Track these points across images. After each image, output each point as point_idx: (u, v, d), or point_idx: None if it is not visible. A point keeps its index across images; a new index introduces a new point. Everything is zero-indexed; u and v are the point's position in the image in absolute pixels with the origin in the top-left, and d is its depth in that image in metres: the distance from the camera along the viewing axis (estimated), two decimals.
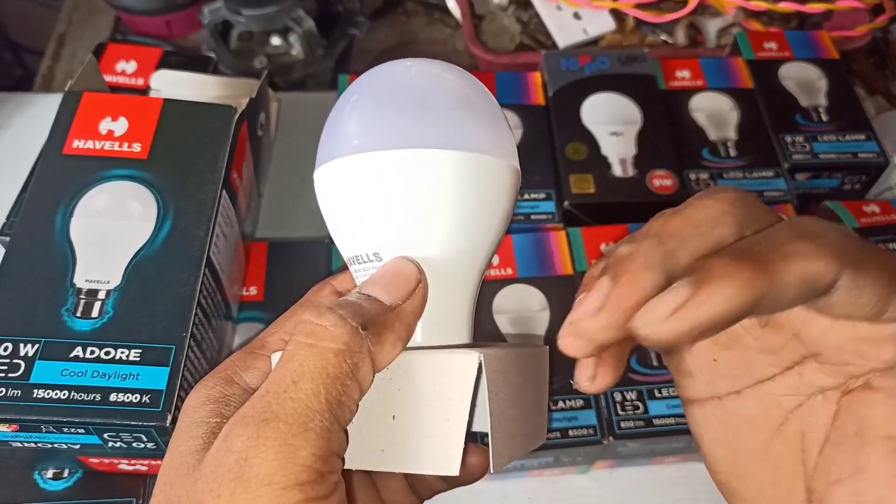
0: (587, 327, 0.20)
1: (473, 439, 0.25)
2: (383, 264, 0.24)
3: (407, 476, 0.27)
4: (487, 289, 0.42)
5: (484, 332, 0.40)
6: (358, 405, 0.21)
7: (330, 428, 0.20)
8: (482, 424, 0.23)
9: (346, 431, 0.21)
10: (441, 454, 0.21)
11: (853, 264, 0.19)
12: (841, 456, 0.21)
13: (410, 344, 0.23)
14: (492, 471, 0.22)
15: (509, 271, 0.43)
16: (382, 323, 0.22)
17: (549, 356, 0.28)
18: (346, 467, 0.22)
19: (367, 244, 0.24)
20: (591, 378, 0.22)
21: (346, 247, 0.25)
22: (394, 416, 0.22)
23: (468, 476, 0.26)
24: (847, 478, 0.21)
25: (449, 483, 0.27)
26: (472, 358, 0.21)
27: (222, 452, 0.20)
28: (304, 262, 0.44)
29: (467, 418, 0.21)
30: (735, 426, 0.24)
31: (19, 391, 0.30)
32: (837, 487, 0.21)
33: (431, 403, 0.22)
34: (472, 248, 0.24)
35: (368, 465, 0.22)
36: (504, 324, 0.41)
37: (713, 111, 0.52)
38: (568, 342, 0.20)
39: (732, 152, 0.50)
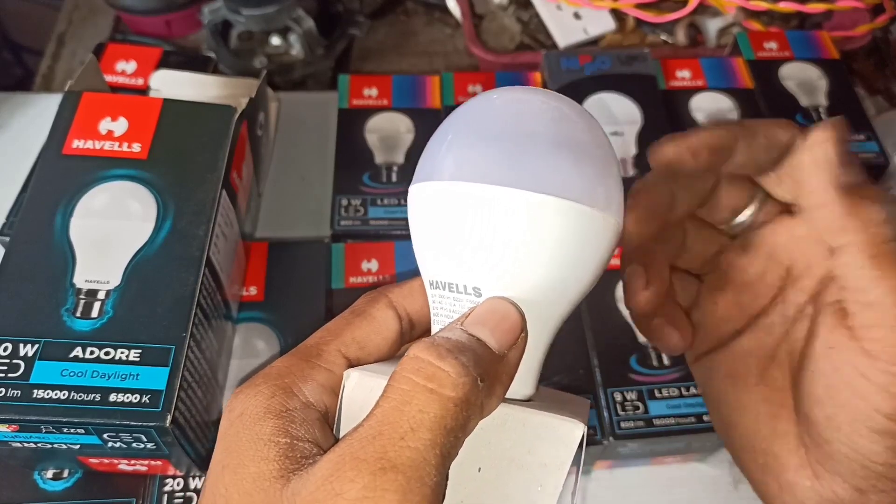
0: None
1: None
2: (483, 303, 0.22)
3: None
4: None
5: None
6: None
7: (441, 483, 0.19)
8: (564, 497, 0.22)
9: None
10: None
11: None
12: (816, 362, 0.24)
13: None
14: None
15: None
16: (494, 374, 0.21)
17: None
18: None
19: (470, 276, 0.23)
20: (644, 285, 0.26)
21: (439, 270, 0.24)
22: (479, 469, 0.21)
23: None
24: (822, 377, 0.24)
25: None
26: (579, 428, 0.21)
27: (328, 496, 0.18)
28: (303, 262, 0.44)
29: (560, 489, 0.20)
30: (736, 365, 0.27)
31: (19, 391, 0.30)
32: (814, 389, 0.24)
33: (524, 466, 0.21)
34: (562, 300, 0.23)
35: None
36: None
37: (713, 111, 0.52)
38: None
39: None
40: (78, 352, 0.31)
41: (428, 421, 0.19)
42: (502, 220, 0.21)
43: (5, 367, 0.30)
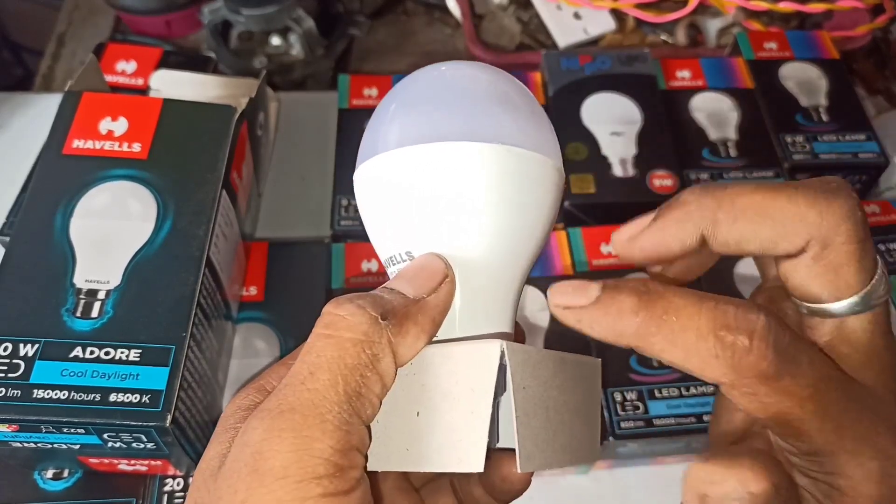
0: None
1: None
2: (411, 261, 0.23)
3: (454, 491, 0.26)
4: None
5: None
6: (381, 401, 0.21)
7: (349, 420, 0.19)
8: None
9: (368, 428, 0.20)
10: (465, 451, 0.20)
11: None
12: None
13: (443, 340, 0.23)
14: (518, 470, 0.20)
15: None
16: (404, 314, 0.21)
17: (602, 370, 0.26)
18: (370, 468, 0.21)
19: (400, 243, 0.24)
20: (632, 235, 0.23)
21: (381, 248, 0.25)
22: (418, 413, 0.21)
23: (508, 486, 0.25)
24: None
25: (494, 496, 0.25)
26: (494, 347, 0.20)
27: (239, 448, 0.19)
28: (303, 262, 0.44)
29: (490, 410, 0.20)
30: None
31: (19, 391, 0.30)
32: None
33: (455, 397, 0.21)
34: (510, 247, 0.23)
35: (394, 466, 0.21)
36: None
37: (713, 111, 0.52)
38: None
39: (733, 152, 0.50)
40: (78, 352, 0.31)
41: (325, 362, 0.20)
42: (417, 177, 0.22)
43: (5, 367, 0.30)
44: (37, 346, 0.31)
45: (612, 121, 0.49)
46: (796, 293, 0.21)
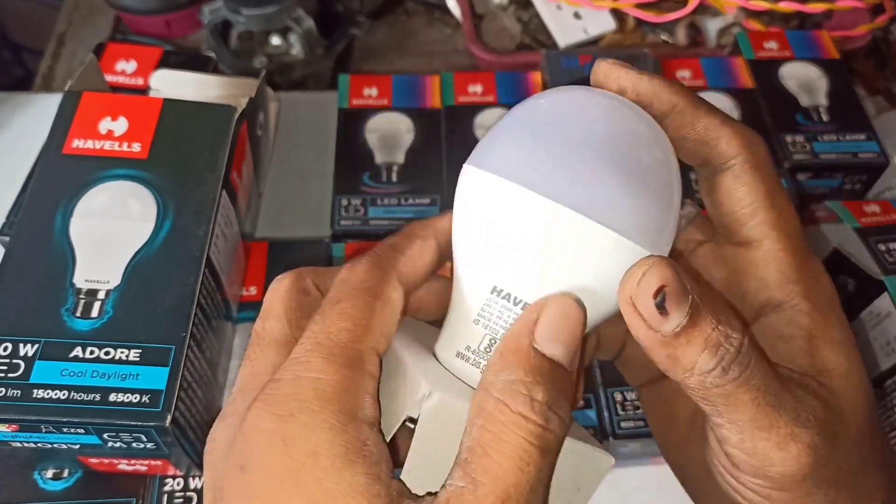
0: None
1: None
2: (550, 304, 0.21)
3: None
4: None
5: None
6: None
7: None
8: None
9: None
10: None
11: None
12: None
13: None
14: None
15: None
16: (568, 396, 0.21)
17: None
18: None
19: (523, 289, 0.22)
20: None
21: (498, 278, 0.22)
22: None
23: None
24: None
25: None
26: (610, 459, 0.22)
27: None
28: (303, 261, 0.43)
29: None
30: (667, 403, 0.26)
31: (19, 391, 0.30)
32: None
33: (565, 488, 0.22)
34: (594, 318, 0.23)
35: None
36: None
37: None
38: None
39: None
40: (78, 351, 0.31)
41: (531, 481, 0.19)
42: (572, 246, 0.21)
43: (5, 367, 0.30)
44: (37, 345, 0.31)
45: None
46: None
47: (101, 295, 0.33)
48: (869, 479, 0.22)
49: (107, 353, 0.31)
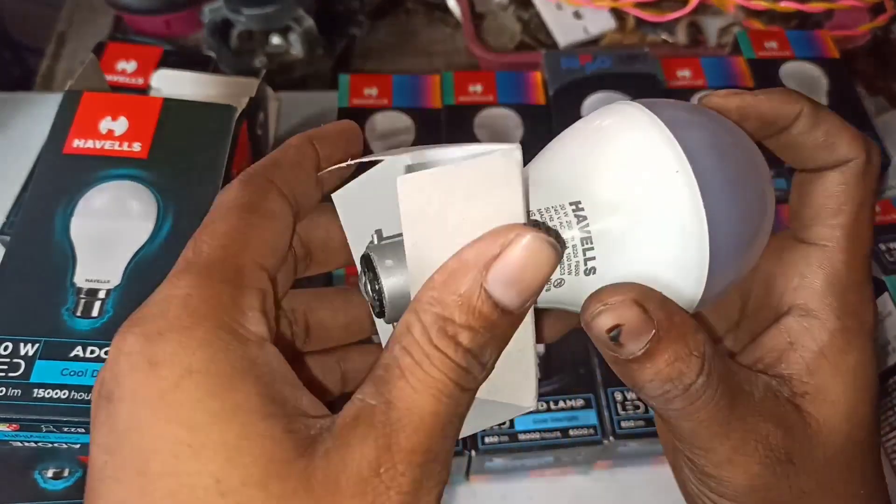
0: None
1: None
2: (527, 242, 0.19)
3: None
4: None
5: None
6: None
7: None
8: None
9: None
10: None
11: None
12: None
13: None
14: None
15: None
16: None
17: None
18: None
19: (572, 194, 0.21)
20: None
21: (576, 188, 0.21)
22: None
23: None
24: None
25: None
26: (524, 409, 0.21)
27: (376, 490, 0.18)
28: None
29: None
30: None
31: (19, 391, 0.30)
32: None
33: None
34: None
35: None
36: None
37: None
38: None
39: None
40: (78, 351, 0.31)
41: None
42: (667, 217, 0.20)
43: (6, 367, 0.30)
44: (37, 345, 0.31)
45: None
46: None
47: (102, 294, 0.33)
48: None
49: (107, 353, 0.31)
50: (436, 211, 0.19)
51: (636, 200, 0.20)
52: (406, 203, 0.18)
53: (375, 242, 0.21)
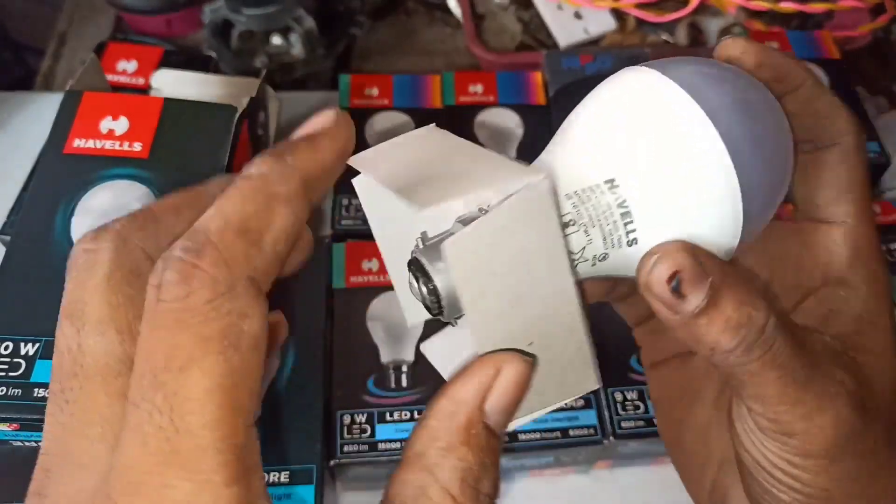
0: None
1: None
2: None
3: None
4: None
5: None
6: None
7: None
8: None
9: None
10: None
11: None
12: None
13: None
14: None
15: None
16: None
17: None
18: None
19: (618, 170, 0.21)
20: None
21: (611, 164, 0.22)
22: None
23: None
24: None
25: None
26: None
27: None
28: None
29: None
30: (693, 381, 0.27)
31: (20, 390, 0.30)
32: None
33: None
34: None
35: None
36: None
37: None
38: None
39: None
40: None
41: None
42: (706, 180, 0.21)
43: (6, 366, 0.30)
44: (37, 345, 0.31)
45: None
46: None
47: None
48: (893, 459, 0.23)
49: None
50: (484, 262, 0.19)
51: (666, 169, 0.21)
52: (456, 267, 0.19)
53: (421, 246, 0.22)
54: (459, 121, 0.50)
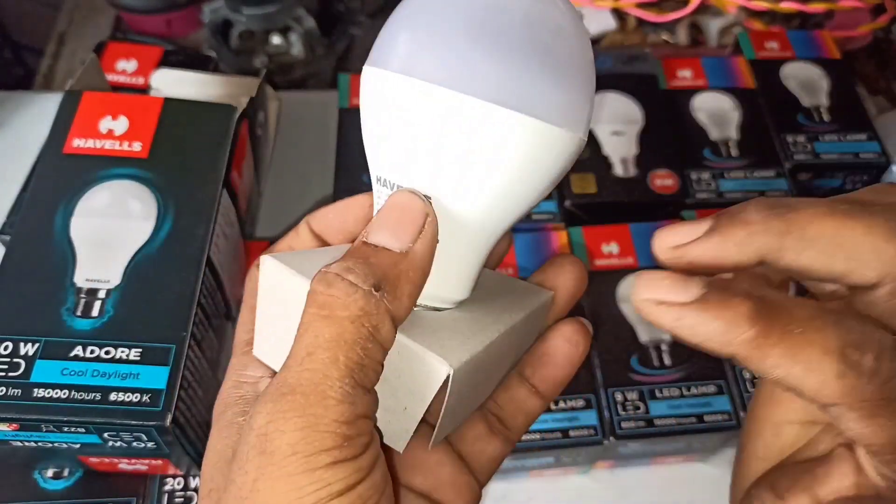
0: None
1: None
2: (386, 201, 0.22)
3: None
4: None
5: None
6: (383, 364, 0.20)
7: (352, 392, 0.19)
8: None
9: (374, 391, 0.20)
10: (395, 432, 0.22)
11: None
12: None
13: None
14: (428, 447, 0.23)
15: (510, 271, 0.43)
16: (396, 276, 0.21)
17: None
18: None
19: (395, 173, 0.22)
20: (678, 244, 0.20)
21: (374, 163, 0.23)
22: (386, 378, 0.21)
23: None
24: None
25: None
26: (443, 369, 0.20)
27: (246, 432, 0.19)
28: None
29: (422, 415, 0.21)
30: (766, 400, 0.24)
31: (19, 390, 0.30)
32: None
33: (398, 386, 0.21)
34: (511, 212, 0.22)
35: (378, 422, 0.22)
36: None
37: (715, 111, 0.51)
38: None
39: (734, 152, 0.50)
40: (78, 351, 0.31)
41: (324, 342, 0.19)
42: (456, 128, 0.20)
43: (6, 366, 0.30)
44: (37, 345, 0.31)
45: (613, 120, 0.49)
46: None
47: (102, 294, 0.33)
48: None
49: (107, 353, 0.31)
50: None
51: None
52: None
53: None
54: None
